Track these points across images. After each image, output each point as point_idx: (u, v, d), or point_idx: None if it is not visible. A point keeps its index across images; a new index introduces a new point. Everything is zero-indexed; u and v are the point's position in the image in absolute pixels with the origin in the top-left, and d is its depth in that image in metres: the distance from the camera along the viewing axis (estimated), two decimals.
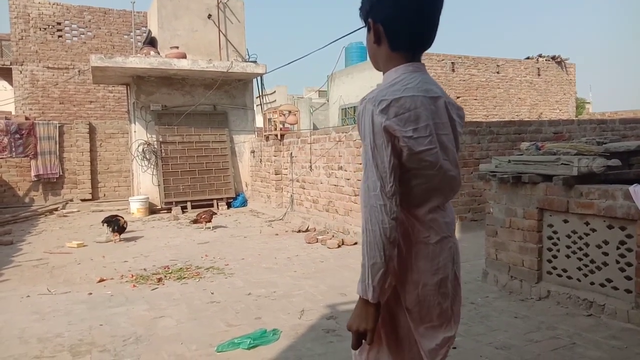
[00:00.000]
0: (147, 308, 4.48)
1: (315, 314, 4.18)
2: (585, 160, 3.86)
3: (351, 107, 19.79)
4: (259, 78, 12.87)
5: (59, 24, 16.67)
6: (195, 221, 9.15)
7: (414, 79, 1.56)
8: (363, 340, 1.53)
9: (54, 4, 16.55)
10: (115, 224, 7.94)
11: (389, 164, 1.48)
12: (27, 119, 12.79)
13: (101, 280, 5.50)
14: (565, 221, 4.06)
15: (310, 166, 9.09)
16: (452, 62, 19.43)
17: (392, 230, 1.47)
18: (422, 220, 1.60)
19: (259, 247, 7.19)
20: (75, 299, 4.82)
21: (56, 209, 11.80)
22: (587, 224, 3.89)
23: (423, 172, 1.55)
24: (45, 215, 11.36)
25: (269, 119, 11.28)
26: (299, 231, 8.24)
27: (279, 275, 5.54)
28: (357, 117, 1.56)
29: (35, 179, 12.08)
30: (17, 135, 11.76)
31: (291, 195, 10.04)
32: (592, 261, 3.87)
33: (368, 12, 1.62)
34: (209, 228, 8.82)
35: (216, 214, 9.60)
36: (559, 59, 22.57)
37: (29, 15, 16.22)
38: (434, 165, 1.56)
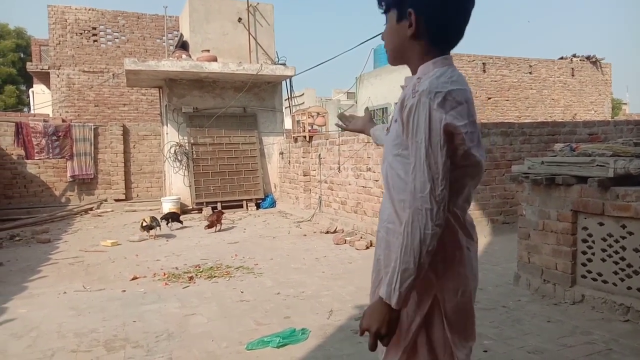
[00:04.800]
0: (179, 306, 4.56)
1: (343, 314, 4.19)
2: (622, 161, 3.76)
3: (380, 109, 19.69)
4: (288, 80, 12.96)
5: (94, 28, 17.14)
6: (211, 225, 8.95)
7: (455, 71, 1.46)
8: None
9: (89, 10, 17.04)
10: (172, 217, 9.04)
11: (442, 166, 1.36)
12: (63, 121, 13.21)
13: (134, 278, 5.63)
14: (601, 224, 3.96)
15: (339, 167, 9.10)
16: (483, 63, 19.14)
17: (433, 239, 1.36)
18: (463, 223, 1.53)
19: (288, 247, 7.24)
20: (109, 296, 4.96)
21: (91, 209, 12.13)
22: (623, 227, 3.78)
23: (467, 171, 1.47)
24: (81, 215, 11.69)
25: (298, 121, 11.33)
26: (327, 232, 8.26)
27: (307, 275, 5.57)
28: (405, 110, 1.42)
29: (71, 180, 12.44)
30: (54, 137, 12.13)
31: (319, 197, 10.06)
32: (629, 265, 3.76)
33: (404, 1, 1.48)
34: (218, 230, 8.85)
35: (224, 213, 9.59)
36: (594, 59, 21.98)
37: (66, 21, 16.73)
38: (478, 163, 1.48)
